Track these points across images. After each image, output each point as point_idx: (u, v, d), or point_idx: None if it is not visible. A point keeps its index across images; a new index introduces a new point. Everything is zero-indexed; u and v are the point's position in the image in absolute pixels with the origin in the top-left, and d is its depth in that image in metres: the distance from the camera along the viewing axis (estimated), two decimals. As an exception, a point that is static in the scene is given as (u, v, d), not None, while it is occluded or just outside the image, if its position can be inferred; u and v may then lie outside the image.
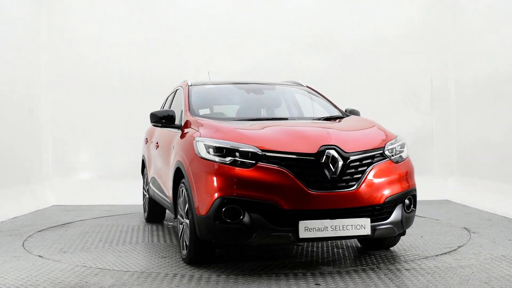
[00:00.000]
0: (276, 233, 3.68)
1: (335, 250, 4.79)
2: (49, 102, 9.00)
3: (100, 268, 4.21)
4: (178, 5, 9.20)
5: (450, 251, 4.62)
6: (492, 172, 7.61)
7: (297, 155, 3.77)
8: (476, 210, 7.30)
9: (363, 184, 3.81)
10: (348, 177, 3.80)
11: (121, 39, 9.09)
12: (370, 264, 4.22)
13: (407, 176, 4.13)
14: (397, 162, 4.09)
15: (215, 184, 3.77)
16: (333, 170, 3.76)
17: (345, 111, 5.22)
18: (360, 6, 9.19)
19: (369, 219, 3.78)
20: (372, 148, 4.01)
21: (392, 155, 4.09)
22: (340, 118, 4.95)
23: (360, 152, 3.91)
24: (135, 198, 7.95)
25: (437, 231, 5.68)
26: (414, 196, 4.20)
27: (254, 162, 3.76)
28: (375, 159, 3.96)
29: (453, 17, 9.01)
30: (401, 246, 4.90)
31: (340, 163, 3.79)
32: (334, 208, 3.73)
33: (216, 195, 3.74)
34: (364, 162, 3.90)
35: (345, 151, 3.85)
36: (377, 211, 3.87)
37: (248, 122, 4.56)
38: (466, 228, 5.81)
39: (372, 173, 3.87)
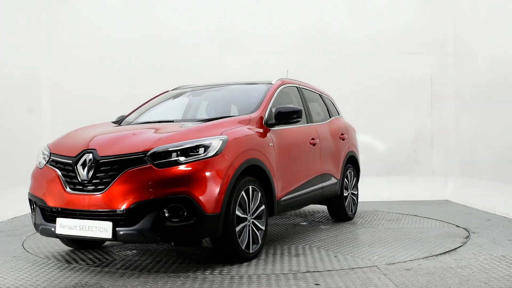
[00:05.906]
0: (44, 226, 4.19)
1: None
2: (49, 102, 9.00)
3: (100, 268, 4.22)
4: (178, 4, 9.20)
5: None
6: (492, 172, 7.61)
7: (62, 158, 4.21)
8: (476, 210, 7.31)
9: (110, 188, 3.87)
10: (98, 180, 3.94)
11: (122, 39, 9.09)
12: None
13: (177, 182, 3.81)
14: (164, 167, 3.85)
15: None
16: (84, 173, 4.00)
17: (274, 111, 4.87)
18: (360, 5, 9.20)
19: (111, 223, 3.84)
20: (130, 152, 3.93)
21: (162, 160, 3.87)
22: (226, 117, 4.69)
23: (112, 157, 3.95)
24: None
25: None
26: (190, 203, 3.79)
27: (44, 163, 4.35)
28: (132, 163, 3.89)
29: (453, 17, 9.01)
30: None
31: (93, 166, 3.99)
32: (82, 209, 3.97)
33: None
34: (116, 166, 3.91)
35: (100, 155, 4.00)
36: (120, 216, 3.84)
37: (128, 126, 4.89)
38: (466, 228, 5.81)
39: (123, 177, 3.85)
